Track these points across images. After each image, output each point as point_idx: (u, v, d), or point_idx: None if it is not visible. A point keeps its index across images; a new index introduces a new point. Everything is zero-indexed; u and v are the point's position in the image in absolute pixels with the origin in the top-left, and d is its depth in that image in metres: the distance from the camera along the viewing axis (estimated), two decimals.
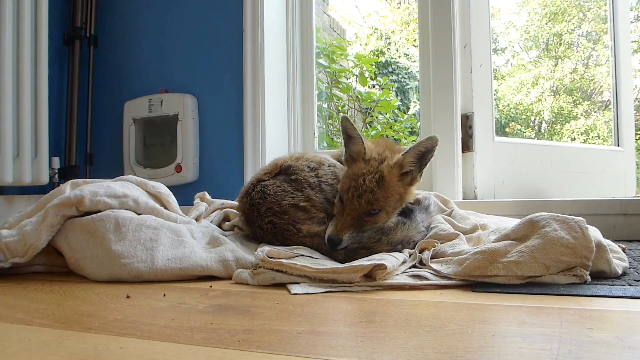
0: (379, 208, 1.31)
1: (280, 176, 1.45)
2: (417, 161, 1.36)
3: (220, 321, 0.83)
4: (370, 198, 1.30)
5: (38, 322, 0.86)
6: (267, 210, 1.38)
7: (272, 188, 1.40)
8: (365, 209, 1.30)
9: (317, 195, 1.40)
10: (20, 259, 1.28)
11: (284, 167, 1.47)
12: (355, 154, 1.39)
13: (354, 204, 1.30)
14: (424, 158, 1.36)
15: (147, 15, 2.70)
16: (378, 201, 1.30)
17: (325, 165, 1.48)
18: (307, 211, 1.37)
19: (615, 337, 0.70)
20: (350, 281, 1.07)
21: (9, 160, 2.17)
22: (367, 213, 1.31)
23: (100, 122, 2.75)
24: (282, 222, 1.36)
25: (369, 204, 1.30)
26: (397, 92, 6.10)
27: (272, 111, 2.42)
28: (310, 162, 1.48)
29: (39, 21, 2.31)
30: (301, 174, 1.43)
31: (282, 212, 1.37)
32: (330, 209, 1.40)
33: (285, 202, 1.37)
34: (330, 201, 1.41)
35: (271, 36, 2.43)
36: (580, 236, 1.04)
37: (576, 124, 5.24)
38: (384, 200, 1.31)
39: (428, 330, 0.76)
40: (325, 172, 1.46)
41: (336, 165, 1.50)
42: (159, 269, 1.22)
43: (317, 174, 1.44)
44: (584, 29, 4.90)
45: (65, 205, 1.31)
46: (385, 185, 1.32)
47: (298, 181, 1.41)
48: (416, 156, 1.35)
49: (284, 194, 1.39)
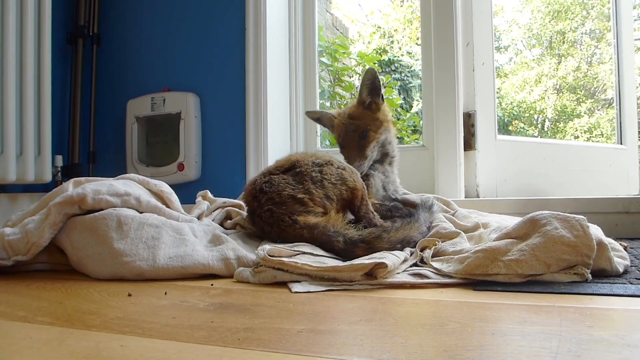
0: (364, 130, 1.66)
1: (289, 171, 1.46)
2: (370, 92, 1.69)
3: (221, 319, 0.83)
4: (355, 127, 1.67)
5: (40, 320, 0.86)
6: (267, 200, 1.39)
7: (277, 180, 1.42)
8: (355, 136, 1.67)
9: (317, 190, 1.40)
10: (23, 257, 1.28)
11: (293, 162, 1.49)
12: (328, 122, 1.80)
13: (347, 138, 1.69)
14: (374, 87, 1.68)
15: (149, 13, 2.70)
16: (359, 126, 1.67)
17: (333, 165, 1.48)
18: (305, 204, 1.38)
19: (615, 335, 0.70)
20: (351, 279, 1.08)
21: (12, 159, 2.18)
22: (360, 137, 1.66)
23: (103, 120, 2.76)
24: (280, 212, 1.36)
25: (355, 131, 1.67)
26: (399, 91, 6.09)
27: (275, 109, 2.42)
28: (317, 159, 1.49)
29: (42, 20, 2.31)
30: (305, 167, 1.45)
31: (281, 202, 1.37)
32: (328, 206, 1.41)
33: (285, 193, 1.38)
34: (330, 198, 1.42)
35: (273, 34, 2.44)
36: (581, 234, 1.04)
37: (579, 122, 5.23)
38: (364, 123, 1.67)
39: (428, 328, 0.76)
40: (332, 171, 1.46)
41: (345, 168, 1.50)
42: (160, 267, 1.22)
43: (321, 170, 1.45)
44: (588, 26, 4.89)
45: (68, 204, 1.31)
46: (357, 115, 1.69)
47: (301, 174, 1.43)
48: (367, 90, 1.69)
49: (286, 185, 1.40)
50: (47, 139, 2.34)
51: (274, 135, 2.40)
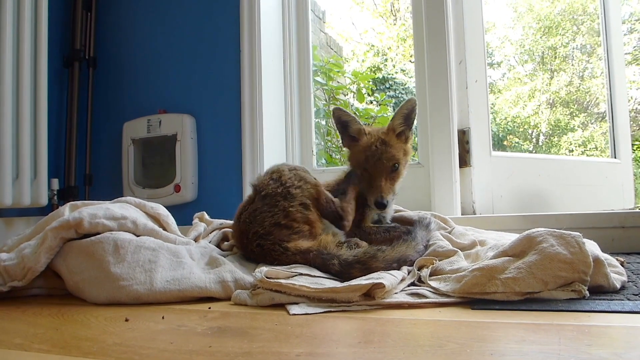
0: (396, 162, 1.57)
1: (256, 199, 1.48)
2: (404, 122, 1.61)
3: (219, 344, 0.83)
4: (388, 156, 1.56)
5: (36, 347, 0.86)
6: (253, 235, 1.41)
7: (253, 213, 1.44)
8: (388, 166, 1.56)
9: (292, 204, 1.41)
10: (19, 282, 1.28)
11: (256, 189, 1.51)
12: (356, 133, 1.63)
13: (379, 166, 1.56)
14: (409, 118, 1.62)
15: (145, 36, 2.72)
16: (394, 156, 1.57)
17: (285, 171, 1.51)
18: (289, 227, 1.39)
19: (614, 353, 0.70)
20: (349, 300, 1.07)
21: (8, 182, 2.17)
22: (391, 169, 1.57)
23: (99, 142, 2.77)
24: (268, 244, 1.37)
25: (389, 160, 1.56)
26: (394, 108, 6.13)
27: (270, 130, 2.43)
28: (272, 174, 1.51)
29: (39, 43, 2.33)
30: (267, 188, 1.46)
31: (267, 233, 1.39)
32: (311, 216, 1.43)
33: (266, 223, 1.40)
34: (305, 205, 1.43)
35: (268, 55, 2.46)
36: (577, 251, 1.04)
37: (574, 136, 5.27)
38: (397, 155, 1.58)
39: (427, 350, 0.76)
40: (288, 176, 1.48)
41: (296, 168, 1.53)
42: (157, 291, 1.21)
43: (281, 182, 1.47)
44: (578, 41, 4.96)
45: (64, 228, 1.31)
46: (391, 144, 1.58)
47: (269, 196, 1.44)
48: (402, 118, 1.61)
49: (263, 215, 1.41)
50: (43, 162, 2.34)
51: (270, 156, 2.41)
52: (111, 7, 2.81)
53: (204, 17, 2.56)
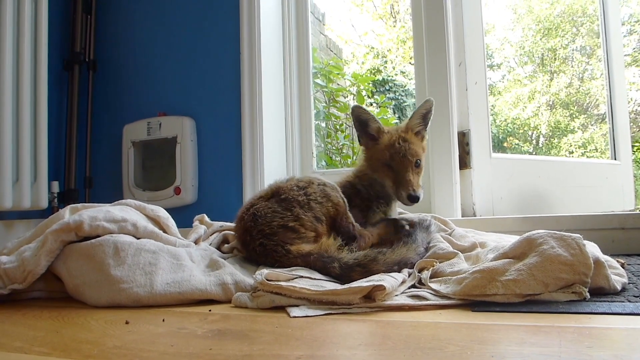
0: (418, 158, 1.61)
1: (272, 199, 1.47)
2: (422, 121, 1.67)
3: (220, 346, 0.83)
4: (412, 152, 1.60)
5: (37, 350, 0.85)
6: (258, 233, 1.40)
7: (264, 210, 1.43)
8: (413, 162, 1.59)
9: (306, 214, 1.41)
10: (19, 285, 1.27)
11: (275, 190, 1.50)
12: (375, 131, 1.65)
13: (405, 162, 1.59)
14: (426, 118, 1.67)
15: (145, 39, 2.73)
16: (417, 152, 1.61)
17: (314, 184, 1.50)
18: (296, 231, 1.39)
19: (614, 355, 0.69)
20: (349, 302, 1.07)
21: (8, 185, 2.17)
22: (415, 165, 1.60)
23: (99, 145, 2.77)
24: (272, 244, 1.37)
25: (413, 156, 1.59)
26: (394, 110, 6.14)
27: (270, 132, 2.43)
28: (300, 182, 1.51)
29: (39, 47, 2.33)
30: (290, 193, 1.46)
31: (272, 233, 1.39)
32: (320, 228, 1.42)
33: (274, 223, 1.39)
34: (318, 219, 1.43)
35: (268, 58, 2.46)
36: (577, 253, 1.04)
37: (574, 138, 5.26)
38: (418, 152, 1.62)
39: (427, 352, 0.76)
40: (315, 190, 1.48)
41: (326, 184, 1.52)
42: (158, 293, 1.21)
43: (305, 192, 1.46)
44: (578, 43, 4.95)
45: (64, 231, 1.31)
46: (411, 141, 1.62)
47: (287, 200, 1.44)
48: (420, 117, 1.66)
49: (274, 215, 1.41)
50: (44, 165, 2.34)
51: (270, 158, 2.41)
52: (111, 10, 2.81)
53: (204, 19, 2.57)
